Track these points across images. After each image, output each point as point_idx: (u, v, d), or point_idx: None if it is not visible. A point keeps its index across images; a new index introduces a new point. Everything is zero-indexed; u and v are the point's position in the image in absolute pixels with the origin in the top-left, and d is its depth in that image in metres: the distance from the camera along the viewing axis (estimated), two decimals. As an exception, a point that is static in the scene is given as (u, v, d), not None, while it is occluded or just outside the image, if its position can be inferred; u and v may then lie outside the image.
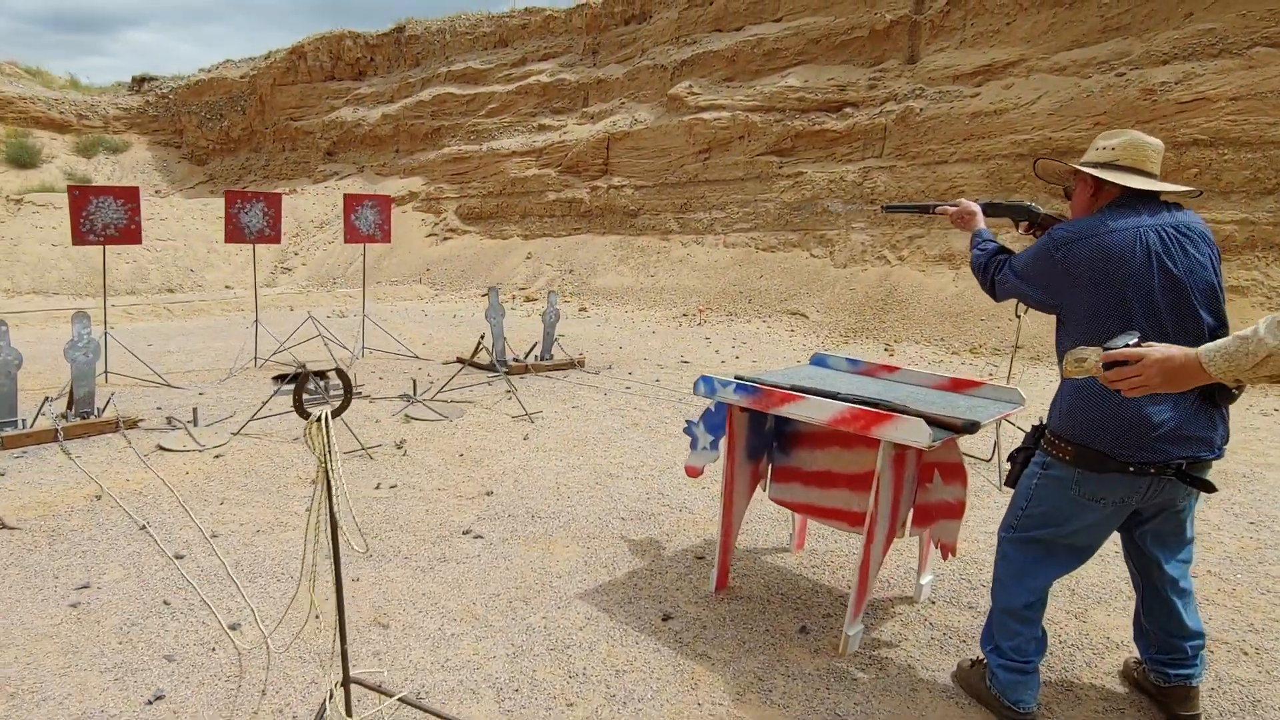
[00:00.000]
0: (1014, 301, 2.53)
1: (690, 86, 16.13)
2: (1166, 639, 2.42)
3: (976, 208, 2.71)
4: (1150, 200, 2.19)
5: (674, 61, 16.82)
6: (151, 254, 17.39)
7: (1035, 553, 2.34)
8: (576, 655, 2.77)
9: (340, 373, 1.98)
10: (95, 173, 27.16)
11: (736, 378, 3.17)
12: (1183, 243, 2.13)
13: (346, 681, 1.99)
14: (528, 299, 14.77)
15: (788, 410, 2.77)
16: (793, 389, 2.94)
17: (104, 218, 6.46)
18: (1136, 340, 1.75)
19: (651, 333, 10.97)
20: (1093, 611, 3.21)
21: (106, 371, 7.09)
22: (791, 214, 14.01)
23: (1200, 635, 2.42)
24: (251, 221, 7.43)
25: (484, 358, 7.65)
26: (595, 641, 2.87)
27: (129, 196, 6.59)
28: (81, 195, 6.36)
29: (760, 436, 3.28)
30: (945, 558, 3.03)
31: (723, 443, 3.19)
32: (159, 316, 12.09)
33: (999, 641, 2.42)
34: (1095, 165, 2.23)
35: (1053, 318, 2.27)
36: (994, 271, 2.41)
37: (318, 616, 2.18)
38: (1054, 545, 2.32)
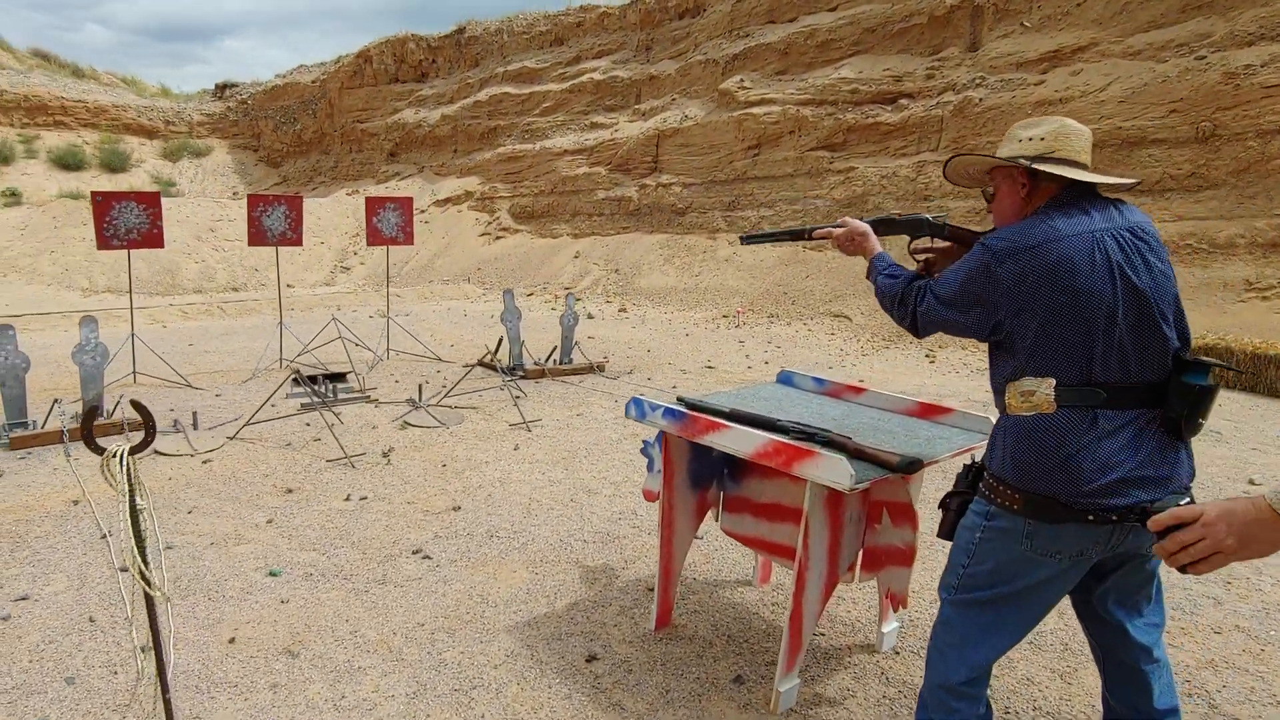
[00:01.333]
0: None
1: (741, 81, 15.72)
2: (1135, 720, 2.04)
3: (866, 227, 2.27)
4: (1094, 197, 1.83)
5: (726, 55, 16.44)
6: (219, 254, 18.07)
7: (980, 617, 1.98)
8: (479, 699, 2.57)
9: (138, 406, 1.83)
10: (179, 176, 28.55)
11: (679, 400, 2.91)
12: (1142, 250, 1.77)
13: (172, 735, 1.83)
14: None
15: (710, 440, 2.49)
16: (731, 414, 2.67)
17: (126, 223, 6.61)
18: (1188, 499, 1.37)
19: (685, 335, 10.69)
20: (1084, 672, 2.81)
21: (134, 372, 7.28)
22: (842, 211, 13.46)
23: (1174, 713, 2.03)
24: (274, 225, 7.51)
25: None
26: (505, 683, 2.66)
27: (150, 202, 6.72)
28: (104, 201, 6.52)
29: (707, 463, 3.00)
30: (895, 609, 2.70)
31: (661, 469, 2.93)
32: (212, 316, 12.49)
33: (933, 717, 2.08)
34: (1029, 159, 1.86)
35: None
36: (915, 302, 2.01)
37: (143, 649, 2.05)
38: (1002, 607, 1.95)
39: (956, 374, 8.25)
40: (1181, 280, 9.34)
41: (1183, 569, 1.31)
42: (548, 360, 8.01)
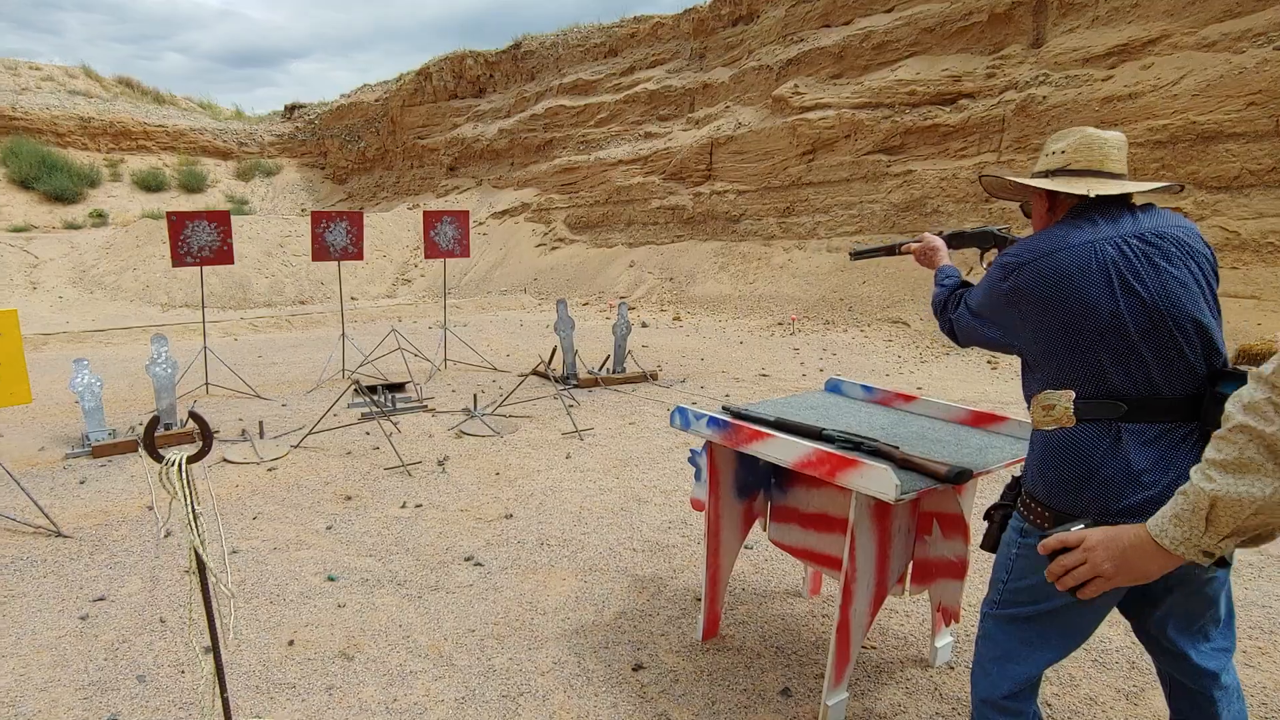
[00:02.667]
0: None
1: (795, 86, 15.59)
2: (1204, 749, 1.94)
3: (939, 242, 2.36)
4: (1113, 205, 1.75)
5: (780, 61, 16.33)
6: (288, 269, 18.75)
7: (1022, 632, 1.92)
8: (526, 705, 2.59)
9: (195, 417, 1.91)
10: (251, 194, 29.74)
11: (724, 409, 2.90)
12: (1150, 255, 1.67)
13: (229, 733, 1.90)
14: (628, 308, 14.73)
15: (754, 449, 2.47)
16: (775, 423, 2.65)
17: (199, 240, 6.92)
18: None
19: (739, 343, 10.62)
20: (1152, 692, 2.69)
21: (207, 384, 7.60)
22: (899, 215, 13.22)
23: (1249, 747, 1.92)
24: (336, 240, 7.76)
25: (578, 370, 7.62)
26: (552, 690, 2.68)
27: (221, 220, 7.03)
28: (178, 220, 6.84)
29: (753, 472, 2.98)
30: (947, 623, 2.62)
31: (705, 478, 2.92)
32: (280, 328, 12.95)
33: (980, 733, 2.02)
34: (1045, 174, 1.84)
35: None
36: (951, 310, 2.02)
37: (206, 650, 2.13)
38: (1043, 623, 1.89)
39: (1019, 377, 7.99)
40: (1264, 281, 8.87)
41: (1072, 592, 1.34)
42: (601, 369, 8.06)
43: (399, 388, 7.38)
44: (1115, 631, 3.06)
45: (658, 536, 4.02)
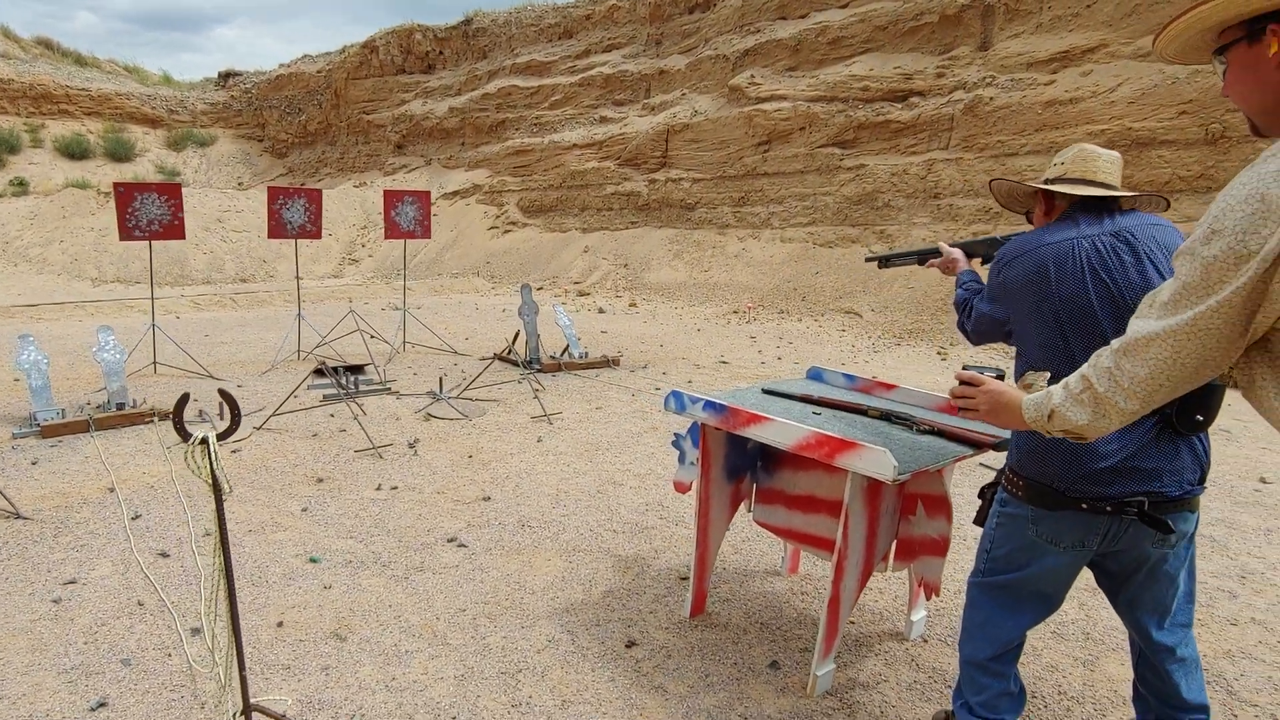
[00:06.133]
0: None
1: (752, 76, 15.76)
2: (1163, 709, 2.13)
3: (958, 252, 2.59)
4: (1094, 209, 1.97)
5: (736, 51, 16.47)
6: (227, 245, 18.13)
7: (1001, 599, 2.12)
8: (526, 681, 2.66)
9: (225, 394, 1.91)
10: (184, 165, 28.58)
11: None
12: (1120, 251, 1.87)
13: (247, 709, 1.91)
14: (581, 294, 14.74)
15: (752, 432, 2.57)
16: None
17: (148, 214, 6.67)
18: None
19: (697, 330, 10.76)
20: (1106, 660, 2.90)
21: (155, 363, 7.36)
22: (852, 208, 13.53)
23: (1203, 710, 2.11)
24: (293, 217, 7.58)
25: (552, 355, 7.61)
26: (549, 667, 2.74)
27: (171, 193, 6.79)
28: (126, 192, 6.58)
29: (742, 455, 3.09)
30: (928, 598, 2.78)
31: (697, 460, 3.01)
32: (224, 307, 12.55)
33: (968, 697, 2.18)
34: (1047, 182, 2.07)
35: None
36: (970, 310, 2.26)
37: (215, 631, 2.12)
38: (1019, 591, 2.09)
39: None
40: (1190, 280, 9.42)
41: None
42: (563, 354, 8.09)
43: (359, 369, 7.28)
44: (1071, 606, 3.28)
45: (636, 518, 4.11)
